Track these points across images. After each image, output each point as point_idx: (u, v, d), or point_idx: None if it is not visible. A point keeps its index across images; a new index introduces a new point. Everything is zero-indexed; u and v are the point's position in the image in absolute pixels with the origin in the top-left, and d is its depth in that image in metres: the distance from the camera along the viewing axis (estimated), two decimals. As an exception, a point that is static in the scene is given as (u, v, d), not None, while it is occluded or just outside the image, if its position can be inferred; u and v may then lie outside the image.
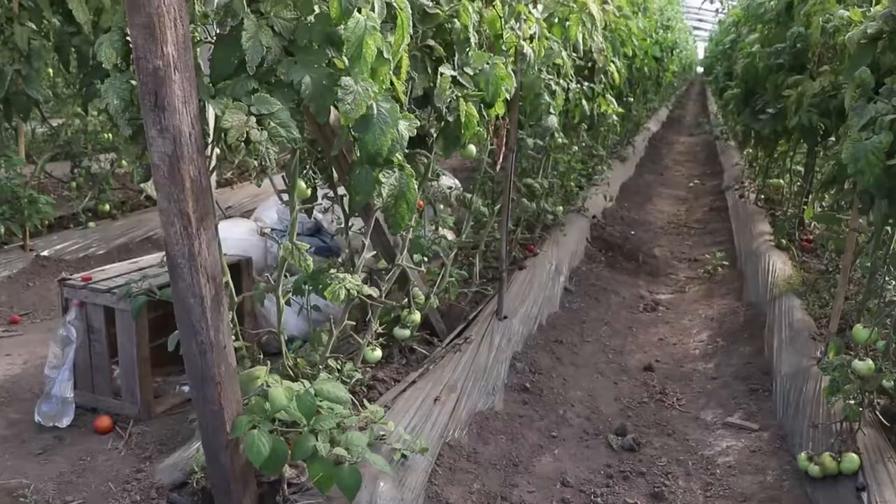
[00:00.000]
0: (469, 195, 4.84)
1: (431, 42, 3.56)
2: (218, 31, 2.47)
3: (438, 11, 3.53)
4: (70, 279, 3.91)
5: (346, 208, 3.68)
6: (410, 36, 3.07)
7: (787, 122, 5.99)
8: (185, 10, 2.30)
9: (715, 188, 11.21)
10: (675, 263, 7.75)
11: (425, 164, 3.84)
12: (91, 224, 7.01)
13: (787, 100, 5.70)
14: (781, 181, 7.80)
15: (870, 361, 3.47)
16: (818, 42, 5.49)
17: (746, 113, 7.93)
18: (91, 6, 2.99)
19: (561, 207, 6.90)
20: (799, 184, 7.42)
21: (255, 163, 2.49)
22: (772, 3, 7.17)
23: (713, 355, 5.37)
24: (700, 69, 34.13)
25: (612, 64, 6.82)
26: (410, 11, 3.04)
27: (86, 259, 6.55)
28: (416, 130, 3.55)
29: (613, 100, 7.08)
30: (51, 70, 7.96)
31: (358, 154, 2.80)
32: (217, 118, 2.44)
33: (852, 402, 3.53)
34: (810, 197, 7.12)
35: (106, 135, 7.97)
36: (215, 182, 7.25)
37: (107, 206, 7.28)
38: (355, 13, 2.47)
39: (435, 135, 3.80)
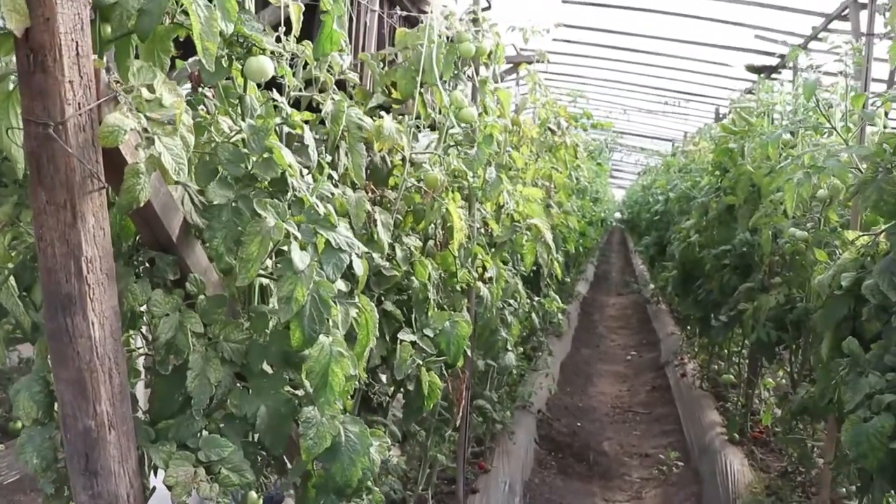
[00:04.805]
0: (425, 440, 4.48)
1: (389, 306, 3.29)
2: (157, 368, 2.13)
3: (395, 273, 3.28)
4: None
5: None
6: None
7: (742, 332, 5.92)
8: (122, 356, 1.96)
9: (654, 361, 11.04)
10: (627, 460, 7.43)
11: (383, 430, 3.50)
12: (1, 446, 6.38)
13: (744, 314, 5.59)
14: (732, 377, 7.67)
15: None
16: (768, 253, 5.45)
17: (689, 301, 7.85)
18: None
19: (509, 412, 6.58)
20: (745, 366, 7.28)
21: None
22: (706, 198, 7.16)
23: (686, 590, 5.01)
24: (618, 214, 34.47)
25: (555, 263, 6.67)
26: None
27: (-7, 491, 5.94)
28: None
29: (557, 297, 6.91)
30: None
31: (322, 478, 2.44)
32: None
33: None
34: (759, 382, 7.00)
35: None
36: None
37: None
38: (321, 338, 2.17)
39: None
